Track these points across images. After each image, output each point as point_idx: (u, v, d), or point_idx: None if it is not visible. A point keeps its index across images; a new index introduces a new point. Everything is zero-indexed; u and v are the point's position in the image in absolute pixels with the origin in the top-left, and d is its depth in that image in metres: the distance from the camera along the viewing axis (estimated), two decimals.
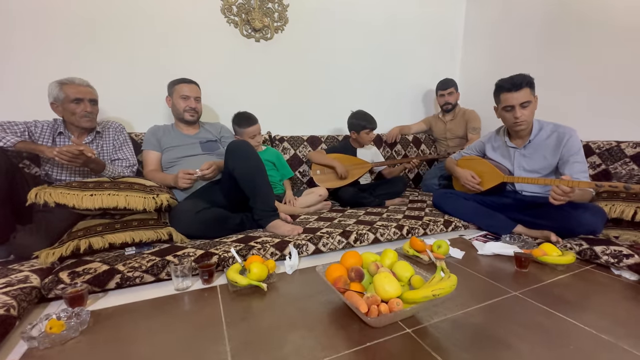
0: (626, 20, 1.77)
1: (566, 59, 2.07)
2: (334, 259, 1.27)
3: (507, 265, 1.21)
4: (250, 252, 1.18)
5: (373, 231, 1.40)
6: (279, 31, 2.14)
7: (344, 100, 2.40)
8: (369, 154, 2.14)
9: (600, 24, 1.89)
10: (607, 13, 1.85)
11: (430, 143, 2.70)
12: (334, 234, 1.33)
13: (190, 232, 1.27)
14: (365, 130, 2.01)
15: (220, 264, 1.12)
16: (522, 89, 1.38)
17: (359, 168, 2.03)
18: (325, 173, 2.01)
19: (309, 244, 1.27)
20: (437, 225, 1.54)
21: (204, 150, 1.66)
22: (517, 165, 1.55)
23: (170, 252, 1.12)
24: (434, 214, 1.67)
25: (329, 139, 2.30)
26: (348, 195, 1.88)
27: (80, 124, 1.40)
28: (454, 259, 1.26)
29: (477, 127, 2.40)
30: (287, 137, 2.18)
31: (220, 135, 1.76)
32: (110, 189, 1.19)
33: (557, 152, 1.43)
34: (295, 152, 2.18)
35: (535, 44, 2.25)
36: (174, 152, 1.61)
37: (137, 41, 1.79)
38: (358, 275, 0.91)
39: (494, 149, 1.66)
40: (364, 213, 1.71)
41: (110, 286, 0.99)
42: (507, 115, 1.45)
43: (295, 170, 2.16)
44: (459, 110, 2.52)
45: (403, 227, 1.47)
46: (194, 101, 1.64)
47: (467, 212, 1.61)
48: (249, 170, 1.40)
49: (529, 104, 1.40)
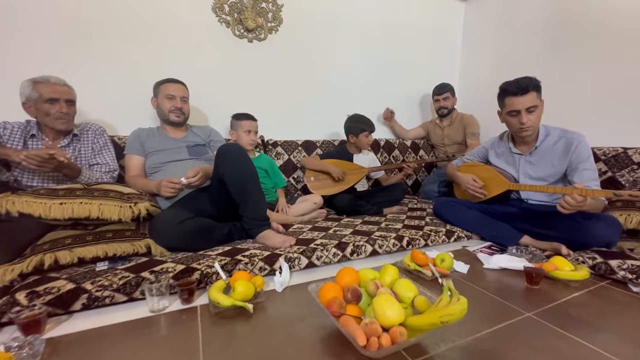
0: (631, 22, 1.72)
1: (568, 63, 2.01)
2: (328, 273, 1.17)
3: (516, 280, 1.12)
4: (237, 267, 1.07)
5: (371, 243, 1.30)
6: (273, 32, 2.06)
7: (340, 104, 2.32)
8: (366, 160, 2.05)
9: (603, 26, 1.83)
10: (610, 15, 1.80)
11: (429, 149, 2.63)
12: (329, 246, 1.23)
13: (171, 245, 1.16)
14: (364, 133, 1.92)
15: (202, 280, 1.02)
16: (528, 93, 1.31)
17: (355, 173, 1.94)
18: (320, 179, 1.91)
19: (302, 258, 1.17)
20: (438, 236, 1.45)
21: (191, 155, 1.56)
22: (523, 172, 1.47)
23: (147, 267, 1.01)
24: (435, 224, 1.58)
25: (325, 144, 2.21)
26: (344, 203, 1.78)
27: (54, 126, 1.30)
28: (459, 274, 1.17)
29: (475, 133, 2.33)
30: (280, 142, 2.09)
31: (210, 139, 1.66)
32: (82, 196, 1.08)
33: (565, 158, 1.35)
34: (289, 157, 2.09)
35: (536, 47, 2.19)
36: (158, 156, 1.51)
37: (122, 39, 1.70)
38: (355, 296, 0.81)
39: (498, 155, 1.58)
40: (361, 222, 1.61)
41: (75, 307, 0.88)
42: (512, 120, 1.37)
43: (289, 176, 2.07)
44: (457, 115, 2.46)
45: (403, 238, 1.37)
46: (179, 101, 1.55)
47: (470, 221, 1.52)
48: (240, 175, 1.30)
49: (535, 108, 1.33)
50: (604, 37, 1.83)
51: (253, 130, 1.80)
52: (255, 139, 1.82)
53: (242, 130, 1.77)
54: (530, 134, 1.37)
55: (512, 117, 1.37)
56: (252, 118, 1.80)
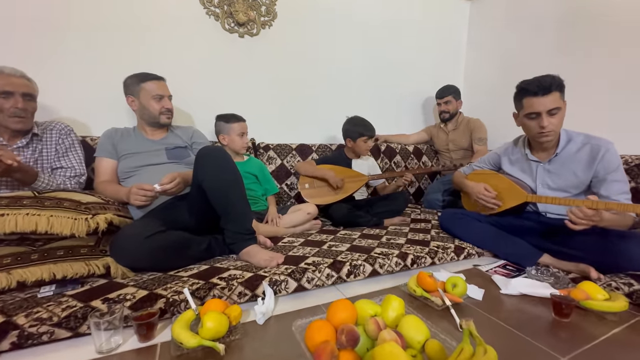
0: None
1: (582, 63, 1.87)
2: (320, 298, 1.00)
3: (540, 310, 0.95)
4: (211, 294, 0.90)
5: (370, 262, 1.13)
6: (266, 27, 1.91)
7: (339, 106, 2.16)
8: (365, 167, 1.89)
9: (620, 23, 1.69)
10: (630, 11, 1.66)
11: (432, 155, 2.47)
12: (322, 266, 1.06)
13: (136, 263, 0.99)
14: (362, 138, 1.76)
15: (168, 309, 0.84)
16: (550, 93, 1.15)
17: (354, 181, 1.78)
18: (315, 187, 1.75)
19: (290, 280, 1.00)
20: (446, 253, 1.28)
21: (170, 158, 1.40)
22: (541, 182, 1.31)
23: (101, 293, 0.84)
24: (441, 238, 1.41)
25: (321, 148, 2.05)
26: (341, 214, 1.62)
27: (7, 124, 1.13)
28: (473, 301, 1.00)
29: (483, 138, 2.18)
30: (273, 145, 1.93)
31: (192, 140, 1.50)
32: (30, 206, 0.91)
33: (590, 168, 1.19)
34: (282, 162, 1.92)
35: (545, 47, 2.05)
36: (133, 159, 1.34)
37: (99, 30, 1.54)
38: (351, 340, 0.64)
39: (512, 162, 1.42)
40: (360, 235, 1.45)
41: (3, 348, 0.71)
42: (531, 123, 1.22)
43: (281, 182, 1.90)
44: (462, 119, 2.31)
45: (407, 256, 1.21)
46: (167, 101, 1.40)
47: (481, 236, 1.36)
48: (221, 182, 1.14)
49: (557, 110, 1.17)
50: (622, 34, 1.69)
51: (246, 132, 1.65)
52: (248, 142, 1.68)
53: (236, 134, 1.61)
54: (551, 139, 1.22)
55: (530, 120, 1.22)
56: (242, 119, 1.65)
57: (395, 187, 1.89)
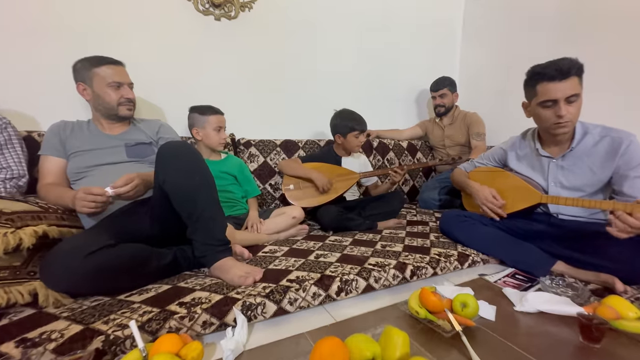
0: None
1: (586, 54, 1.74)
2: (305, 323, 0.84)
3: (564, 332, 0.81)
4: (166, 325, 0.72)
5: (364, 275, 0.97)
6: (246, 9, 1.71)
7: (327, 99, 1.99)
8: (356, 164, 1.73)
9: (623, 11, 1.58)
10: None
11: (427, 151, 2.33)
12: (308, 283, 0.89)
13: (76, 287, 0.80)
14: (353, 133, 1.60)
15: (107, 350, 0.66)
16: (569, 78, 1.01)
17: (344, 180, 1.61)
18: (301, 187, 1.57)
19: (268, 303, 0.82)
20: (449, 262, 1.13)
21: (131, 157, 1.20)
22: (553, 180, 1.17)
23: (18, 331, 0.64)
24: (442, 244, 1.27)
25: (308, 145, 1.88)
26: (330, 217, 1.45)
27: None
28: (484, 322, 0.85)
29: (481, 133, 2.05)
30: (255, 142, 1.74)
31: (159, 136, 1.30)
32: None
33: (610, 163, 1.06)
34: (265, 160, 1.74)
35: (545, 38, 1.93)
36: (85, 158, 1.14)
37: (51, 11, 1.32)
38: None
39: (520, 158, 1.28)
40: (351, 242, 1.29)
41: None
42: (546, 113, 1.07)
43: (264, 182, 1.72)
44: (459, 113, 2.17)
45: (405, 266, 1.05)
46: (128, 89, 1.20)
47: (487, 241, 1.21)
48: (187, 183, 0.95)
49: (576, 98, 1.03)
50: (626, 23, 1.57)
51: (223, 126, 1.46)
52: (226, 137, 1.49)
53: (212, 128, 1.42)
54: (568, 130, 1.08)
55: (545, 109, 1.07)
56: (220, 112, 1.46)
57: (387, 187, 1.73)
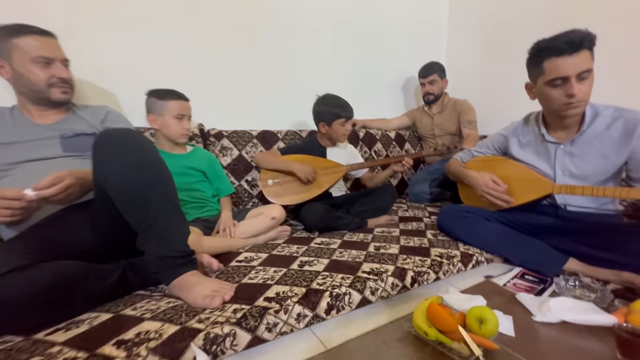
0: None
1: None
2: (286, 354, 0.66)
3: (595, 345, 0.69)
4: None
5: (359, 286, 0.81)
6: None
7: (309, 86, 1.80)
8: (343, 156, 1.56)
9: None
10: None
11: (416, 141, 2.20)
12: (291, 302, 0.72)
13: None
14: (339, 121, 1.43)
15: None
16: (581, 51, 0.89)
17: (330, 173, 1.45)
18: (282, 183, 1.39)
19: (240, 332, 0.64)
20: (452, 264, 1.00)
21: (68, 151, 0.97)
22: (561, 168, 1.06)
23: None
24: (442, 242, 1.13)
25: (289, 136, 1.69)
26: (316, 216, 1.28)
27: None
28: (504, 338, 0.71)
29: (472, 120, 1.93)
30: (227, 132, 1.54)
31: (104, 125, 1.07)
32: None
33: (624, 147, 0.95)
34: (240, 153, 1.54)
35: (538, 18, 1.83)
36: (8, 152, 0.91)
37: None
38: None
39: (522, 145, 1.16)
40: (340, 244, 1.12)
41: None
42: (555, 93, 0.95)
43: (240, 179, 1.52)
44: (448, 100, 2.05)
45: (405, 272, 0.90)
46: (61, 67, 0.96)
47: (492, 239, 1.08)
48: (135, 181, 0.75)
49: (588, 74, 0.91)
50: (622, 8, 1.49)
51: (187, 114, 1.24)
52: (189, 127, 1.27)
53: (171, 115, 1.19)
54: (580, 111, 0.96)
55: (554, 89, 0.94)
56: (183, 97, 1.24)
57: (388, 174, 1.57)
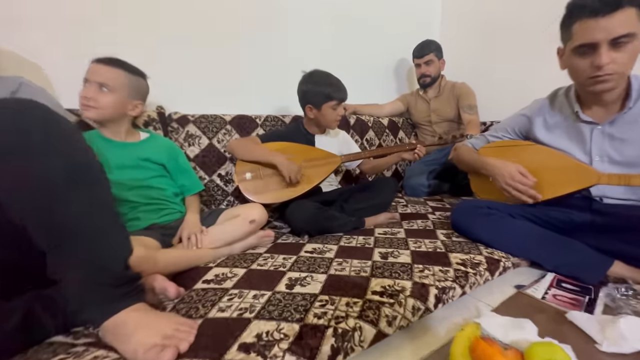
0: None
1: None
2: None
3: None
4: None
5: (371, 315, 0.59)
6: None
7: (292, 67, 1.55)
8: (335, 144, 1.34)
9: None
10: None
11: (410, 129, 2.02)
12: (277, 352, 0.49)
13: None
14: (330, 103, 1.19)
15: None
16: (619, 10, 0.71)
17: (321, 165, 1.22)
18: (262, 177, 1.15)
19: None
20: (479, 274, 0.80)
21: None
22: (598, 153, 0.89)
23: None
24: (458, 245, 0.93)
25: (270, 122, 1.44)
26: (305, 216, 1.05)
27: None
28: None
29: (473, 105, 1.76)
30: (194, 117, 1.27)
31: None
32: None
33: None
34: (210, 141, 1.28)
35: None
36: None
37: None
38: None
39: (548, 127, 0.98)
40: (338, 251, 0.90)
41: None
42: (580, 63, 0.77)
43: (211, 174, 1.27)
44: (446, 83, 1.87)
45: (427, 289, 0.69)
46: None
47: (521, 240, 0.90)
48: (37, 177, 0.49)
49: (629, 40, 0.73)
50: None
51: (93, 80, 0.87)
52: (110, 102, 0.89)
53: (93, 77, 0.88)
54: (609, 87, 0.78)
55: (580, 58, 0.77)
56: (106, 61, 0.89)
57: (394, 161, 1.34)
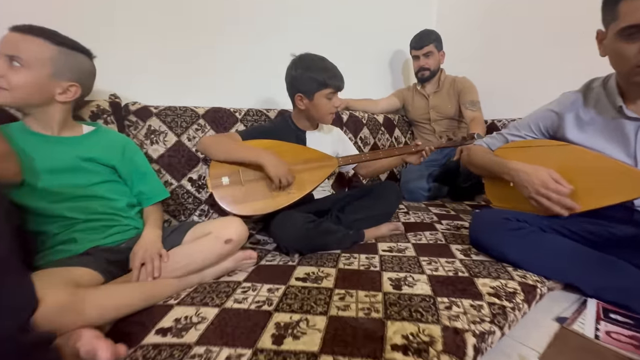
0: None
1: None
2: None
3: None
4: None
5: None
6: None
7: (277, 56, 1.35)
8: (328, 142, 1.15)
9: None
10: None
11: (406, 127, 1.86)
12: None
13: None
14: (324, 92, 1.00)
15: None
16: None
17: (314, 168, 1.02)
18: (242, 182, 0.94)
19: None
20: (517, 308, 0.64)
21: None
22: None
23: None
24: (482, 266, 0.77)
25: (252, 116, 1.24)
26: (295, 231, 0.85)
27: None
28: None
29: (476, 101, 1.63)
30: (157, 109, 1.04)
31: None
32: None
33: None
34: (178, 139, 1.06)
35: None
36: None
37: None
38: None
39: (582, 124, 0.83)
40: (337, 278, 0.72)
41: None
42: (627, 49, 0.64)
43: (180, 178, 1.05)
44: (445, 78, 1.73)
45: (462, 335, 0.52)
46: None
47: (556, 259, 0.74)
48: None
49: None
50: None
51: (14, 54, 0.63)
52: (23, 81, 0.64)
53: None
54: None
55: (627, 43, 0.64)
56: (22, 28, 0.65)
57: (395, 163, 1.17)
